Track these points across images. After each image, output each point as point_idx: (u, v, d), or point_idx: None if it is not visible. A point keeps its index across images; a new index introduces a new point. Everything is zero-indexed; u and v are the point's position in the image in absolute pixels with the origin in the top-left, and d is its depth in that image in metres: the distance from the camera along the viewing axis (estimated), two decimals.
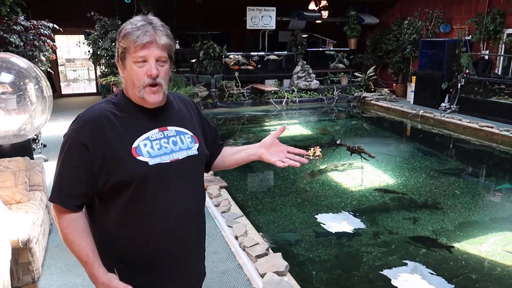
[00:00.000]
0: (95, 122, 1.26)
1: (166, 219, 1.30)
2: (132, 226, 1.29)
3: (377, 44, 12.23)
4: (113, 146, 1.25)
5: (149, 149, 1.28)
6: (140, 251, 1.31)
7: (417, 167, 6.14)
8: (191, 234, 1.39)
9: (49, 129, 7.14)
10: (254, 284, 2.84)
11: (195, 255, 1.45)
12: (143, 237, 1.30)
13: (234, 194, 4.87)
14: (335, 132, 8.81)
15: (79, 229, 1.28)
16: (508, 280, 3.21)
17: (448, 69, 9.66)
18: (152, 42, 1.25)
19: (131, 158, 1.25)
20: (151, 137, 1.31)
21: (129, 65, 1.27)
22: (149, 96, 1.28)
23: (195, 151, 1.39)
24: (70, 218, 1.28)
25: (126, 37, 1.25)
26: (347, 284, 3.23)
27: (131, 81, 1.29)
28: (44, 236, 3.08)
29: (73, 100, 11.54)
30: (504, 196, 5.18)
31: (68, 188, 1.27)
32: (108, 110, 1.30)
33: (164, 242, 1.32)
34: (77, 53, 13.50)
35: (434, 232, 4.03)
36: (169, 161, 1.31)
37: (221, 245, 3.41)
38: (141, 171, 1.25)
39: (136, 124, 1.31)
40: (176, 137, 1.36)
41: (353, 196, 5.02)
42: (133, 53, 1.25)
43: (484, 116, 8.61)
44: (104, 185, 1.26)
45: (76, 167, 1.25)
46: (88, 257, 1.27)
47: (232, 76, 11.18)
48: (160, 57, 1.28)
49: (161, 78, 1.29)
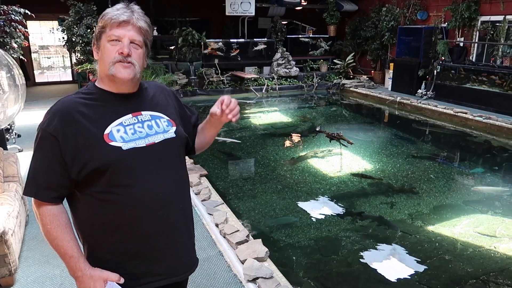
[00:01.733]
0: (64, 113, 1.25)
1: (147, 204, 1.30)
2: (113, 213, 1.28)
3: (356, 31, 12.30)
4: (84, 134, 1.24)
5: (122, 134, 1.28)
6: (124, 238, 1.31)
7: (394, 153, 6.27)
8: (176, 217, 1.38)
9: (23, 119, 6.95)
10: (234, 270, 2.87)
11: (184, 238, 1.43)
12: (126, 224, 1.29)
13: (215, 182, 4.88)
14: (315, 119, 8.88)
15: (62, 224, 1.27)
16: (479, 259, 3.35)
17: (424, 56, 9.82)
18: (128, 21, 1.26)
19: (104, 144, 1.25)
20: (124, 123, 1.30)
21: (103, 44, 1.28)
22: (119, 71, 1.27)
23: (173, 133, 1.38)
24: (51, 213, 1.27)
25: (104, 16, 1.27)
26: (326, 267, 3.30)
27: (102, 60, 1.28)
28: (21, 228, 3.03)
29: (48, 88, 11.23)
30: (477, 179, 5.35)
31: (43, 180, 1.26)
32: (77, 101, 1.29)
33: (148, 227, 1.31)
34: (51, 40, 13.07)
35: (410, 216, 4.15)
36: (144, 145, 1.30)
37: (202, 233, 3.42)
38: (115, 156, 1.25)
39: (108, 111, 1.30)
40: (151, 121, 1.35)
41: (332, 182, 5.10)
42: (108, 31, 1.26)
43: (459, 102, 8.82)
44: (79, 175, 1.25)
45: (48, 159, 1.25)
46: (73, 252, 1.27)
47: (211, 63, 11.08)
48: (134, 39, 1.28)
49: (134, 59, 1.28)
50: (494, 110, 8.09)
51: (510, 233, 3.78)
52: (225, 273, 2.86)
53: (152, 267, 1.35)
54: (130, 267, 1.33)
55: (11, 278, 2.64)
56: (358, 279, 3.15)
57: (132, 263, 1.33)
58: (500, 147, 6.88)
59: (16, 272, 2.70)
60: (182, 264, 1.43)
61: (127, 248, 1.32)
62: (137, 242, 1.31)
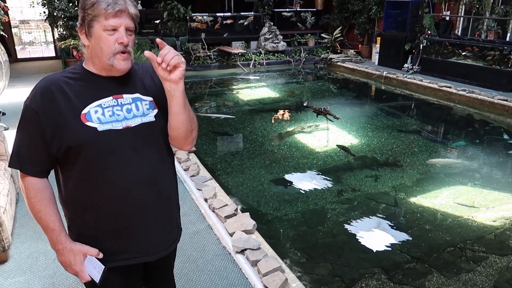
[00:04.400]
0: (46, 90, 1.29)
1: (118, 185, 1.34)
2: (89, 192, 1.34)
3: (344, 4, 12.19)
4: (62, 113, 1.28)
5: (99, 116, 1.31)
6: (99, 217, 1.36)
7: (380, 127, 6.38)
8: (148, 199, 1.40)
9: (8, 96, 6.84)
10: (223, 243, 2.97)
11: (157, 220, 1.45)
12: (100, 203, 1.35)
13: (203, 158, 4.94)
14: (302, 94, 8.92)
15: (46, 198, 1.33)
16: (457, 229, 3.51)
17: (411, 30, 9.84)
18: (123, 11, 1.28)
19: (80, 123, 1.28)
20: (103, 105, 1.33)
21: (97, 33, 1.28)
22: (119, 63, 1.30)
23: (152, 117, 1.39)
24: (36, 187, 1.32)
25: (97, 5, 1.26)
26: (312, 239, 3.43)
27: (99, 48, 1.29)
28: (12, 206, 3.06)
29: (31, 64, 10.98)
30: (459, 152, 5.52)
31: (26, 154, 1.31)
32: (61, 79, 1.32)
33: (119, 207, 1.36)
34: (31, 14, 12.69)
35: (394, 188, 4.29)
36: (121, 128, 1.33)
37: (191, 207, 3.50)
38: (89, 136, 1.28)
39: (90, 92, 1.33)
40: (131, 105, 1.37)
41: (318, 156, 5.20)
42: (103, 21, 1.26)
43: (444, 77, 8.93)
44: (58, 152, 1.30)
45: (31, 134, 1.29)
46: (55, 225, 1.33)
47: (198, 38, 10.93)
48: (129, 26, 1.31)
49: (130, 46, 1.32)
50: (478, 84, 8.22)
51: (487, 204, 3.96)
52: (215, 246, 2.96)
53: (125, 245, 1.41)
54: (106, 243, 1.39)
55: (4, 254, 2.70)
56: (342, 249, 3.29)
57: (108, 240, 1.39)
58: (482, 121, 7.05)
59: (10, 249, 2.75)
60: (154, 245, 1.47)
61: (102, 226, 1.38)
62: (110, 221, 1.37)
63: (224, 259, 2.80)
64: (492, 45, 8.28)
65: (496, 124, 6.88)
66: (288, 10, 12.79)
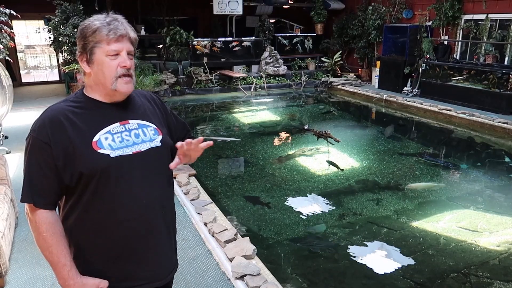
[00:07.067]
0: (54, 120, 1.29)
1: (130, 209, 1.35)
2: (98, 217, 1.33)
3: (343, 29, 12.40)
4: (73, 141, 1.28)
5: (110, 142, 1.33)
6: (108, 241, 1.36)
7: (381, 150, 6.38)
8: (158, 223, 1.43)
9: (10, 120, 6.90)
10: (223, 268, 2.93)
11: (165, 243, 1.49)
12: (109, 228, 1.34)
13: (204, 182, 4.93)
14: (303, 118, 8.96)
15: (57, 232, 1.31)
16: (460, 254, 3.46)
17: (410, 54, 9.98)
18: (124, 35, 1.32)
19: (92, 151, 1.29)
20: (112, 131, 1.35)
21: (100, 59, 1.31)
22: (122, 86, 1.33)
23: (158, 142, 1.43)
24: (48, 220, 1.30)
25: (98, 32, 1.29)
26: (314, 264, 3.38)
27: (102, 74, 1.32)
28: (10, 230, 3.05)
29: (35, 88, 11.11)
30: (461, 176, 5.49)
31: (39, 188, 1.29)
32: (66, 109, 1.33)
33: (129, 232, 1.36)
34: (37, 39, 12.93)
35: (396, 212, 4.25)
36: (131, 153, 1.35)
37: (191, 232, 3.47)
38: (103, 163, 1.29)
39: (97, 119, 1.35)
40: (138, 130, 1.40)
41: (320, 180, 5.18)
42: (106, 46, 1.30)
43: (443, 100, 8.99)
44: (71, 180, 1.29)
45: (41, 166, 1.28)
46: (67, 260, 1.31)
47: (200, 62, 11.08)
48: (130, 50, 1.35)
49: (132, 70, 1.36)
50: (477, 107, 8.27)
51: (490, 228, 3.91)
52: (214, 271, 2.92)
53: (134, 271, 1.40)
54: (114, 270, 1.38)
55: (1, 280, 2.66)
56: (344, 274, 3.24)
57: (116, 266, 1.38)
58: (483, 143, 7.04)
59: (7, 274, 2.72)
60: (164, 268, 1.49)
61: (110, 251, 1.37)
62: (119, 246, 1.37)
63: (224, 285, 2.76)
64: (491, 69, 8.37)
65: (497, 147, 6.87)
66: (281, 35, 12.92)
